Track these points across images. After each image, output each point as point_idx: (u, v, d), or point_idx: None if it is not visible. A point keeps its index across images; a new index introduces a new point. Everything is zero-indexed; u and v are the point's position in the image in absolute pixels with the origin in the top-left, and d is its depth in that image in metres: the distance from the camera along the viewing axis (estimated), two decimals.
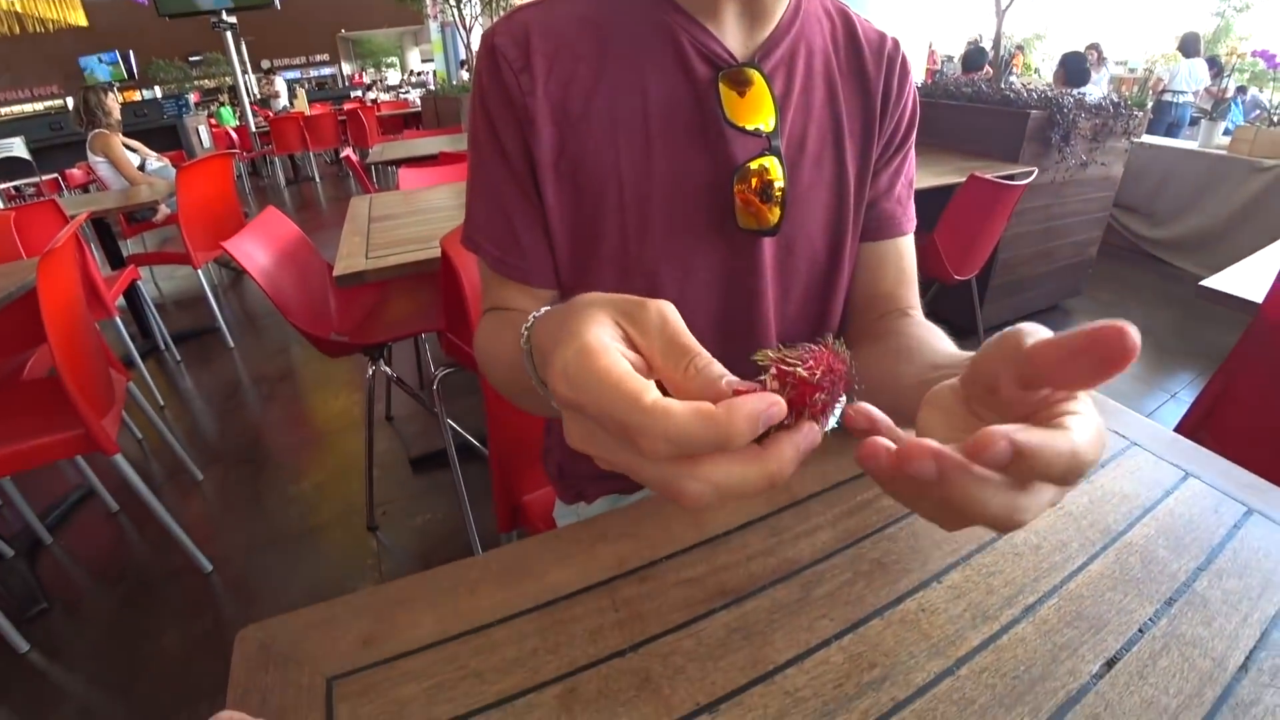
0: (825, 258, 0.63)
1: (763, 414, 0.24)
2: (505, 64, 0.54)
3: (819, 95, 0.59)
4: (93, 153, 3.31)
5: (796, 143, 0.58)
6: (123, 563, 1.73)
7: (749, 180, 0.55)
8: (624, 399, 0.25)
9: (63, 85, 14.40)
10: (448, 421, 1.43)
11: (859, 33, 0.62)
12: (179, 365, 2.89)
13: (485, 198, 0.59)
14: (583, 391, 0.26)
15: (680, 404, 0.25)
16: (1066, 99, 2.54)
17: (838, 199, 0.61)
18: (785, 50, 0.57)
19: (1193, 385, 2.38)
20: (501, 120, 0.55)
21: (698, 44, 0.55)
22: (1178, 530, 0.52)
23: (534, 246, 0.59)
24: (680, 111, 0.55)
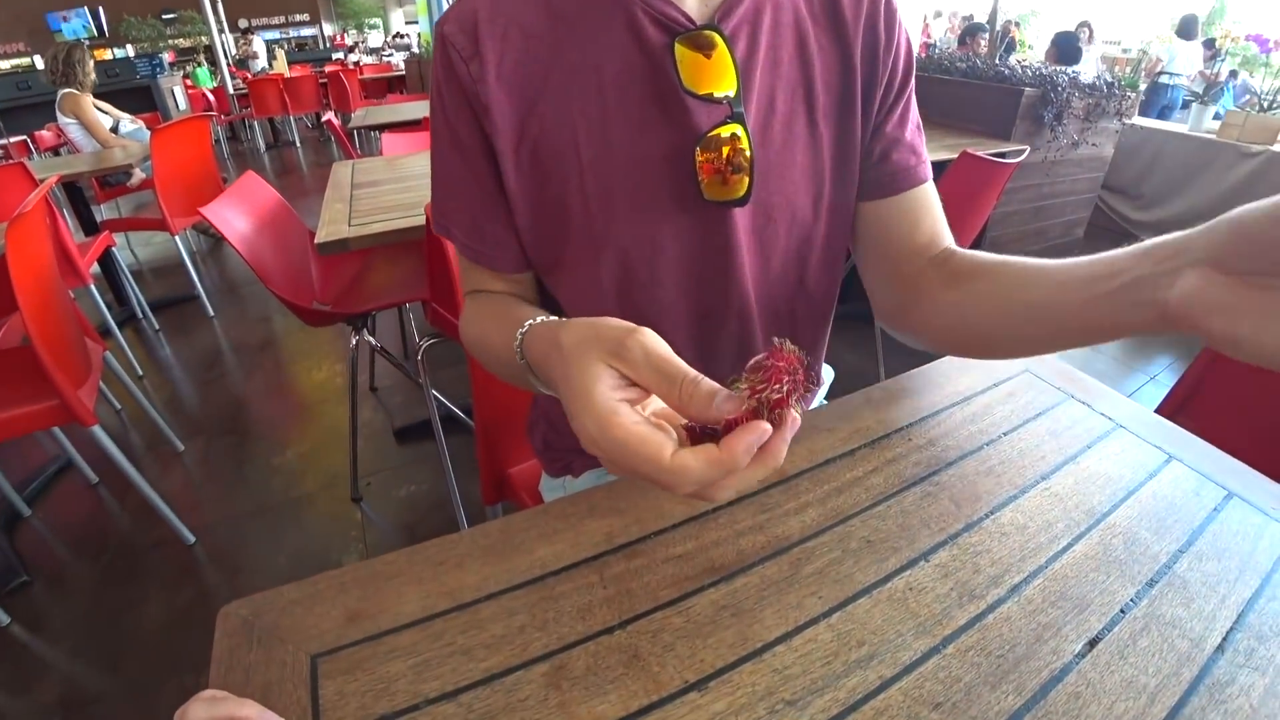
0: (807, 219, 0.61)
1: (755, 443, 0.31)
2: (455, 53, 0.52)
3: (788, 51, 0.56)
4: (62, 114, 3.19)
5: (765, 104, 0.55)
6: (104, 535, 1.71)
7: (716, 150, 0.53)
8: (649, 462, 0.32)
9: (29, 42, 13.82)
10: (433, 392, 1.42)
11: None
12: (157, 334, 2.83)
13: (446, 186, 0.59)
14: (615, 457, 0.33)
15: (693, 456, 0.32)
16: (1061, 77, 2.53)
17: (814, 157, 0.58)
18: (749, 7, 0.54)
19: (1172, 368, 2.42)
20: (455, 111, 0.54)
21: (651, 9, 0.51)
22: (1160, 512, 0.53)
23: (499, 234, 0.58)
24: (636, 83, 0.53)
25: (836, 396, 0.71)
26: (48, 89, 3.32)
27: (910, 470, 0.56)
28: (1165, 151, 3.64)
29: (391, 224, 1.44)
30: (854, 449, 0.58)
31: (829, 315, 0.71)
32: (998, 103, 2.53)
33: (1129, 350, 2.59)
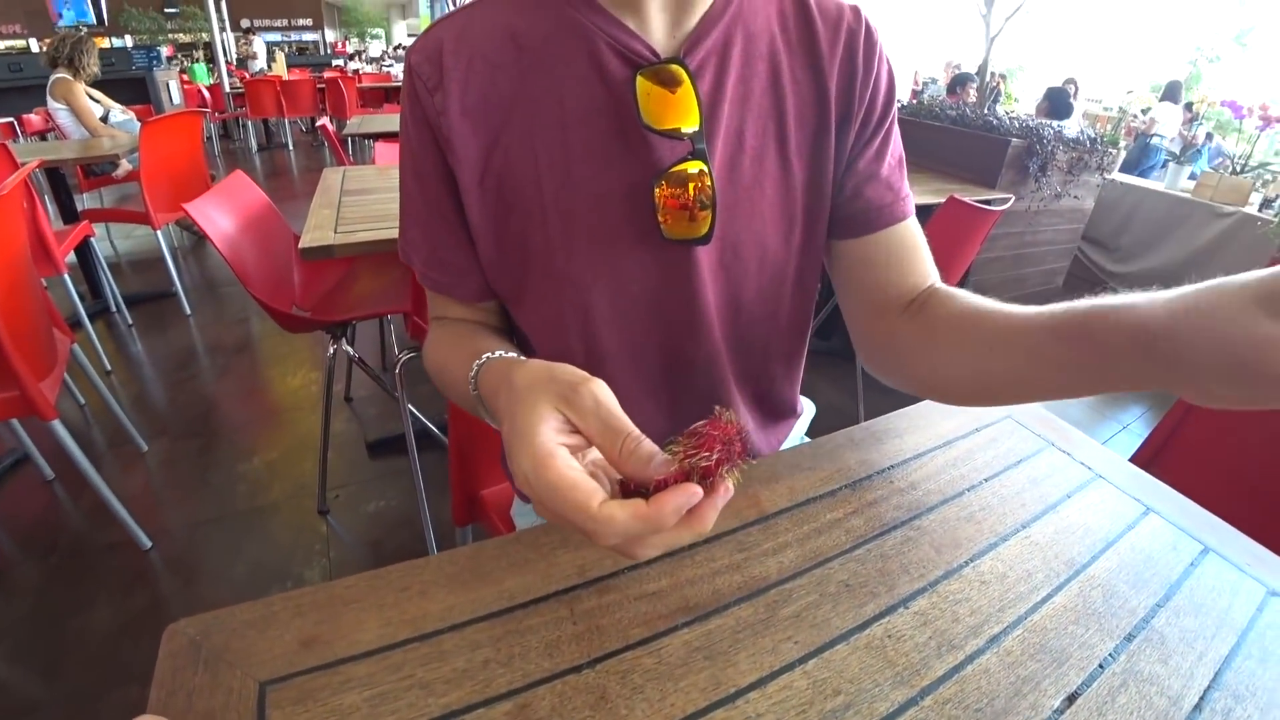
0: (779, 255, 0.59)
1: (683, 505, 0.32)
2: (420, 83, 0.52)
3: (760, 83, 0.54)
4: (53, 99, 3.14)
5: (733, 139, 0.54)
6: (55, 534, 1.64)
7: (680, 186, 0.51)
8: (576, 508, 0.32)
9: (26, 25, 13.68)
10: (409, 407, 1.39)
11: (812, 8, 0.56)
12: (130, 329, 2.76)
13: (410, 215, 0.58)
14: (545, 498, 0.34)
15: (620, 508, 0.32)
16: (1047, 130, 2.60)
17: (785, 192, 0.57)
18: (717, 38, 0.53)
19: (1144, 418, 2.46)
20: (419, 140, 0.54)
21: (614, 42, 0.51)
22: (1138, 565, 0.52)
23: (459, 264, 0.57)
24: (598, 117, 0.52)
25: (817, 433, 0.71)
26: (40, 72, 3.28)
27: (891, 514, 0.55)
28: (1143, 207, 3.76)
29: (378, 233, 1.42)
30: (835, 489, 0.57)
31: (802, 350, 0.70)
32: (985, 151, 2.60)
33: (1104, 399, 2.63)
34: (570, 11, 0.52)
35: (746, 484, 0.57)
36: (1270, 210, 3.16)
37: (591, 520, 0.32)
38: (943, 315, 0.54)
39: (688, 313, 0.57)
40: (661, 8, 0.52)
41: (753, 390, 0.67)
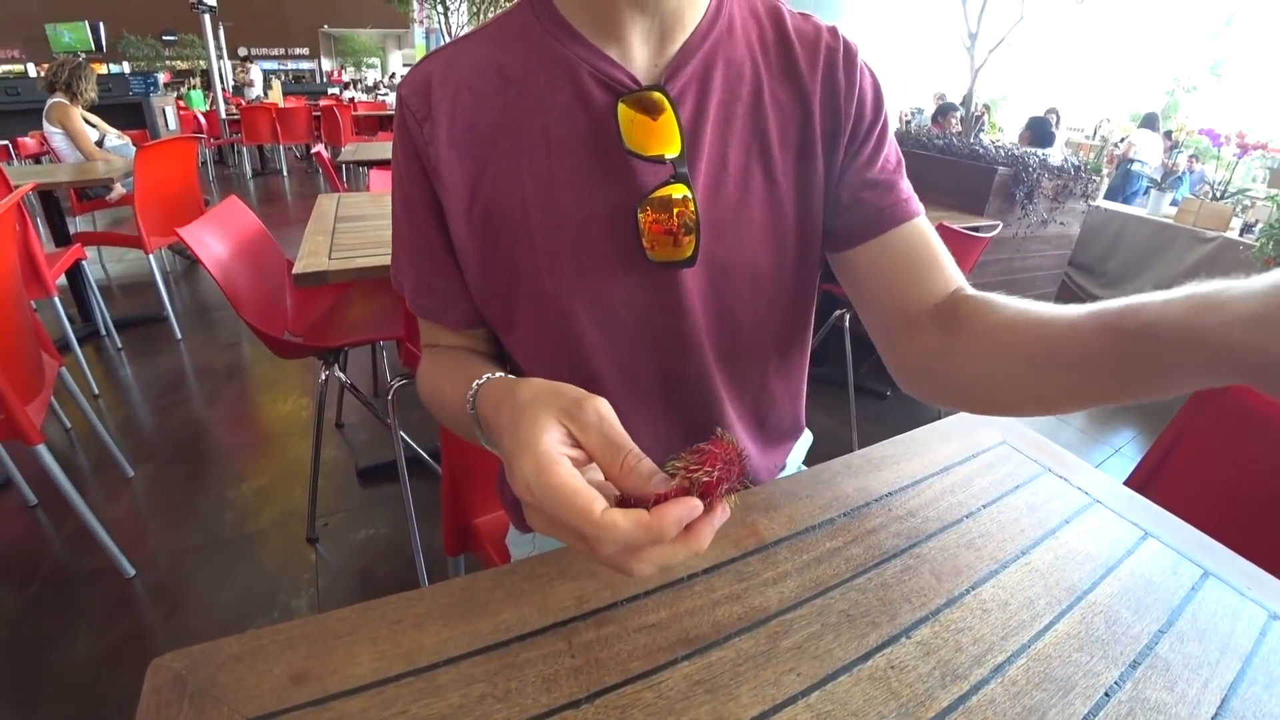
0: (769, 274, 0.59)
1: (685, 517, 0.33)
2: (410, 114, 0.54)
3: (743, 106, 0.55)
4: (49, 122, 3.15)
5: (717, 161, 0.55)
6: (36, 561, 1.60)
7: (665, 211, 0.52)
8: (579, 514, 0.32)
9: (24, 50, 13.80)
10: (400, 434, 1.38)
11: (789, 30, 0.57)
12: (119, 353, 2.74)
13: (400, 243, 0.59)
14: (545, 503, 0.33)
15: (623, 515, 0.32)
16: (1032, 158, 2.66)
17: (773, 213, 0.57)
18: (697, 65, 0.54)
19: (1135, 442, 2.47)
20: (409, 171, 0.55)
21: (596, 72, 0.52)
22: (1139, 591, 0.52)
23: (447, 291, 0.58)
24: (581, 144, 0.53)
25: (813, 459, 0.70)
26: (36, 96, 3.30)
27: (890, 541, 0.55)
28: (1127, 233, 3.83)
29: (372, 260, 1.42)
30: (833, 518, 0.57)
31: (803, 368, 0.70)
32: (972, 179, 2.64)
33: (1095, 422, 2.65)
34: (553, 43, 0.53)
35: (745, 512, 0.57)
36: (1251, 235, 3.22)
37: (593, 525, 0.32)
38: (980, 326, 0.51)
39: (677, 334, 0.58)
40: (644, 38, 0.53)
41: (752, 410, 0.67)
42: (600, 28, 0.53)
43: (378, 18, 15.09)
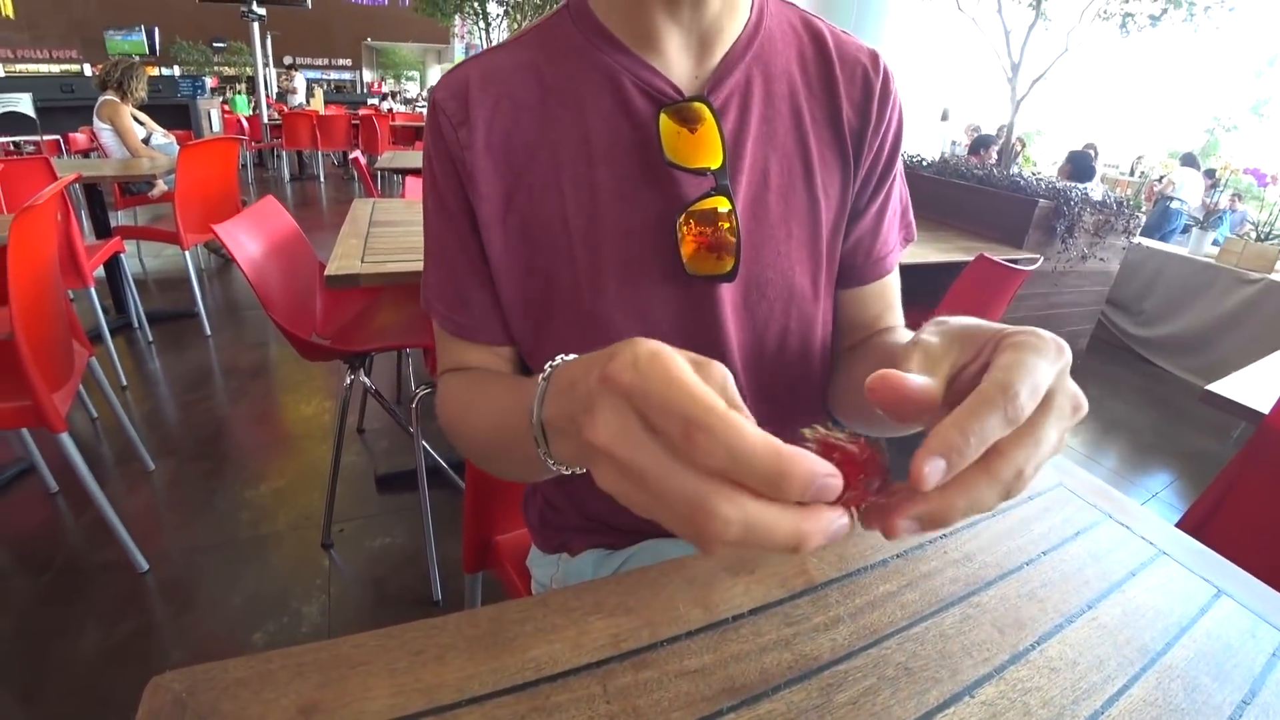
0: (807, 295, 0.58)
1: (820, 476, 0.24)
2: (445, 119, 0.52)
3: (784, 122, 0.55)
4: (99, 119, 3.25)
5: (759, 176, 0.54)
6: (51, 550, 1.60)
7: (706, 224, 0.51)
8: (698, 399, 0.25)
9: (82, 51, 14.39)
10: (422, 443, 1.36)
11: (831, 50, 0.57)
12: (149, 346, 2.78)
13: (434, 255, 0.57)
14: (651, 381, 0.26)
15: (754, 427, 0.24)
16: (1074, 192, 2.60)
17: (812, 231, 0.57)
18: (740, 77, 0.53)
19: (1173, 487, 2.37)
20: (444, 176, 0.54)
21: (639, 80, 0.52)
22: (1217, 655, 0.47)
23: (482, 303, 0.56)
24: (624, 154, 0.52)
25: None
26: (89, 94, 3.42)
27: (948, 588, 0.51)
28: (1166, 272, 3.73)
29: (404, 265, 1.42)
30: (886, 559, 0.53)
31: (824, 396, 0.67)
32: (1013, 211, 2.59)
33: (1131, 466, 2.55)
34: (594, 51, 0.52)
35: None
36: None
37: (714, 414, 0.24)
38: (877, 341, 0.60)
39: (710, 348, 0.55)
40: (683, 47, 0.52)
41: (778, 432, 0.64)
42: (639, 37, 0.52)
43: (419, 31, 15.50)
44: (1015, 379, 0.27)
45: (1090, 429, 2.83)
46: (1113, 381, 3.43)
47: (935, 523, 0.27)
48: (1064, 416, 0.29)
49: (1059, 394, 0.29)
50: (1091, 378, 3.38)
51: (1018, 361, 0.28)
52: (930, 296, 2.09)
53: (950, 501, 0.27)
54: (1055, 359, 0.29)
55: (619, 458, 0.27)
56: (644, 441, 0.26)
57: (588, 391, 0.29)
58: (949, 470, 0.26)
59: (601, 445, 0.27)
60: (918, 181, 3.07)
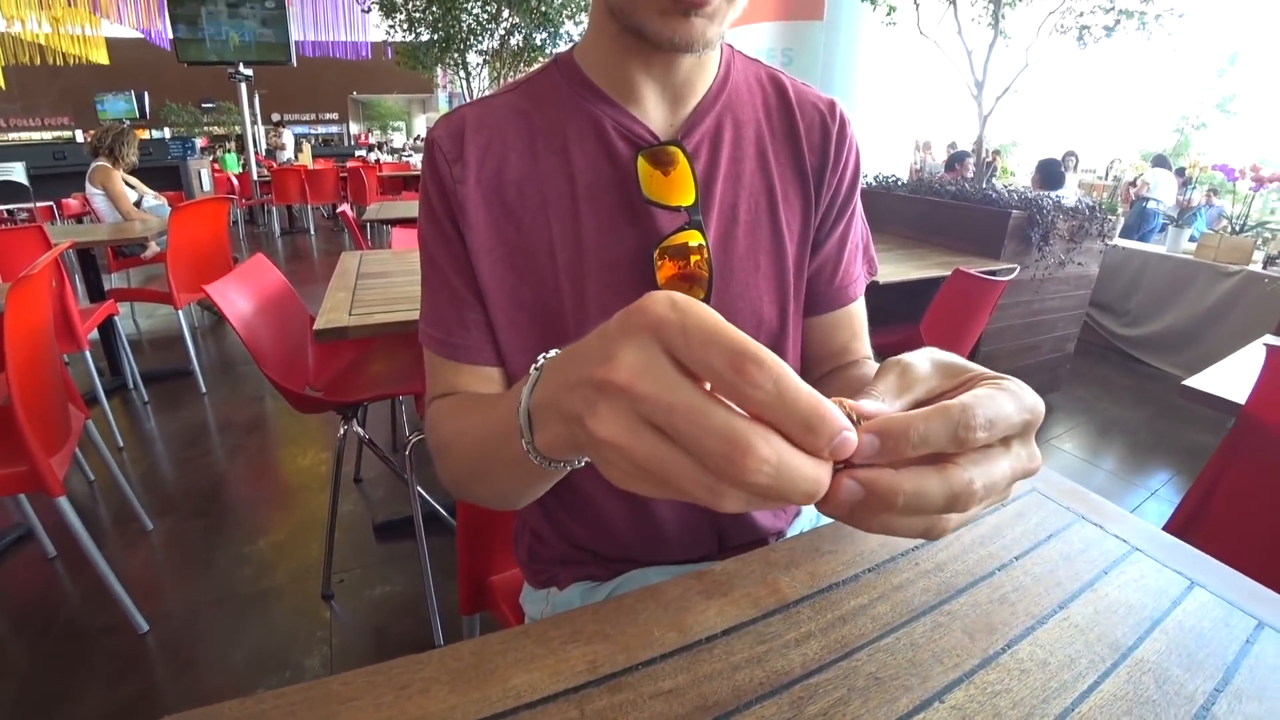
0: (774, 324, 0.63)
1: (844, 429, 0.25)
2: (441, 155, 0.57)
3: (750, 164, 0.60)
4: (91, 184, 3.32)
5: (728, 212, 0.59)
6: (50, 615, 1.60)
7: (680, 256, 0.56)
8: (745, 337, 0.24)
9: (73, 117, 14.68)
10: (418, 489, 1.37)
11: (792, 99, 0.63)
12: (145, 406, 2.79)
13: (429, 281, 0.61)
14: (691, 318, 0.25)
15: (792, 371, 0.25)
16: (1045, 201, 2.66)
17: (777, 264, 0.62)
18: (710, 125, 0.59)
19: (1172, 484, 2.38)
20: (440, 207, 0.58)
21: (620, 126, 0.57)
22: (1189, 645, 0.49)
23: (477, 325, 0.59)
24: (604, 192, 0.57)
25: None
26: (81, 160, 3.49)
27: (919, 598, 0.52)
28: (1148, 270, 3.79)
29: (393, 316, 1.44)
30: (857, 574, 0.55)
31: None
32: (987, 224, 2.64)
33: (1128, 465, 2.56)
34: (580, 100, 0.58)
35: (765, 569, 0.55)
36: (1275, 267, 3.17)
37: (764, 351, 0.24)
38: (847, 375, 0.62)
39: None
40: (659, 99, 0.58)
41: None
42: (620, 89, 0.57)
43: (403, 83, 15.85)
44: (979, 406, 0.28)
45: (1086, 431, 2.85)
46: (1104, 383, 3.45)
47: (878, 494, 0.26)
48: (1018, 464, 0.30)
49: (1018, 443, 0.30)
50: (1083, 380, 3.41)
51: (989, 395, 0.29)
52: (912, 313, 2.12)
53: (897, 480, 0.26)
54: (1025, 412, 0.29)
55: (641, 393, 0.25)
56: (675, 377, 0.25)
57: (603, 339, 0.28)
58: (881, 453, 0.26)
59: (621, 382, 0.26)
60: (894, 201, 3.13)
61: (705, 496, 0.25)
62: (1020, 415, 0.29)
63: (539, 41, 5.29)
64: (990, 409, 0.28)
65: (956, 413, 0.27)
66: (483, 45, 5.34)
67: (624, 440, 0.26)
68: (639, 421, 0.26)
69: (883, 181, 3.37)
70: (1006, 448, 0.30)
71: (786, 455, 0.24)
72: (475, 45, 5.31)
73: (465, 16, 5.05)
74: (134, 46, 11.84)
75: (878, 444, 0.26)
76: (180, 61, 7.25)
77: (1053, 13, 2.86)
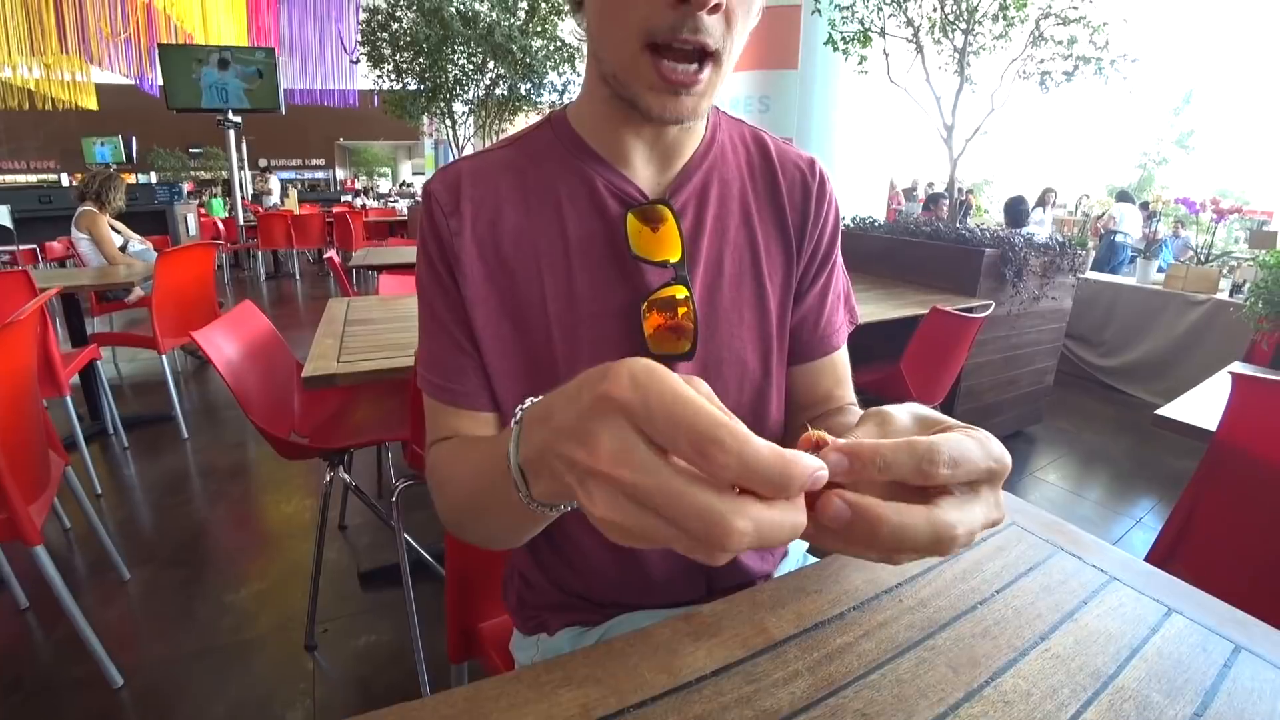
0: (757, 373, 0.65)
1: (814, 472, 0.27)
2: (437, 207, 0.59)
3: (734, 221, 0.63)
4: (77, 229, 3.32)
5: (713, 267, 0.62)
6: (21, 668, 1.54)
7: (667, 309, 0.58)
8: (704, 412, 0.26)
9: (60, 161, 14.70)
10: (404, 536, 1.36)
11: (774, 159, 0.66)
12: (125, 452, 2.74)
13: (427, 328, 0.63)
14: (653, 396, 0.27)
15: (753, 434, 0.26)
16: (1017, 238, 2.75)
17: (760, 315, 0.64)
18: (696, 184, 0.62)
19: (1156, 511, 2.41)
20: (437, 257, 0.60)
21: (610, 185, 0.60)
22: (1168, 671, 0.50)
23: (474, 372, 0.61)
24: (595, 247, 0.60)
25: (821, 554, 0.69)
26: (66, 204, 3.49)
27: (903, 634, 0.53)
28: (1120, 302, 3.90)
29: (380, 363, 1.45)
30: (842, 612, 0.56)
31: None
32: (962, 262, 2.72)
33: (1112, 494, 2.59)
34: (572, 159, 0.61)
35: (752, 610, 0.56)
36: (1240, 295, 3.29)
37: (723, 428, 0.26)
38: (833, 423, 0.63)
39: None
40: (648, 159, 0.61)
41: None
42: (611, 150, 0.60)
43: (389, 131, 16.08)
44: (944, 445, 0.30)
45: (1070, 463, 2.88)
46: (1084, 413, 3.51)
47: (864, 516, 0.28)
48: (987, 508, 0.32)
49: (987, 489, 0.32)
50: (1063, 411, 3.46)
51: (957, 439, 0.31)
52: (893, 351, 2.16)
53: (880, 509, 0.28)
54: (990, 460, 0.32)
55: (624, 480, 0.27)
56: (652, 461, 0.27)
57: (579, 416, 0.29)
58: (848, 471, 0.29)
59: (605, 470, 0.28)
60: (871, 242, 3.21)
61: (700, 557, 0.27)
62: (985, 462, 0.32)
63: (524, 91, 5.43)
64: (956, 450, 0.31)
65: (922, 448, 0.30)
66: (468, 94, 5.47)
67: (617, 517, 0.28)
68: (628, 500, 0.28)
69: (859, 223, 3.47)
70: (977, 494, 0.32)
71: (764, 519, 0.26)
72: (461, 95, 5.44)
73: (451, 67, 5.18)
74: (124, 92, 11.95)
75: (846, 463, 0.29)
76: (170, 109, 7.33)
77: (1014, 60, 3.00)
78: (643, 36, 0.49)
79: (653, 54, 0.49)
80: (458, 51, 5.13)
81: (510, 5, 5.10)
